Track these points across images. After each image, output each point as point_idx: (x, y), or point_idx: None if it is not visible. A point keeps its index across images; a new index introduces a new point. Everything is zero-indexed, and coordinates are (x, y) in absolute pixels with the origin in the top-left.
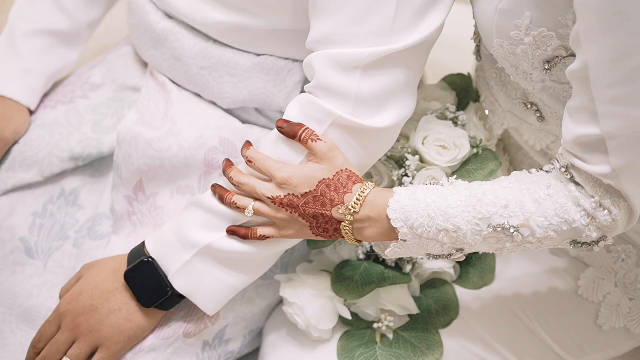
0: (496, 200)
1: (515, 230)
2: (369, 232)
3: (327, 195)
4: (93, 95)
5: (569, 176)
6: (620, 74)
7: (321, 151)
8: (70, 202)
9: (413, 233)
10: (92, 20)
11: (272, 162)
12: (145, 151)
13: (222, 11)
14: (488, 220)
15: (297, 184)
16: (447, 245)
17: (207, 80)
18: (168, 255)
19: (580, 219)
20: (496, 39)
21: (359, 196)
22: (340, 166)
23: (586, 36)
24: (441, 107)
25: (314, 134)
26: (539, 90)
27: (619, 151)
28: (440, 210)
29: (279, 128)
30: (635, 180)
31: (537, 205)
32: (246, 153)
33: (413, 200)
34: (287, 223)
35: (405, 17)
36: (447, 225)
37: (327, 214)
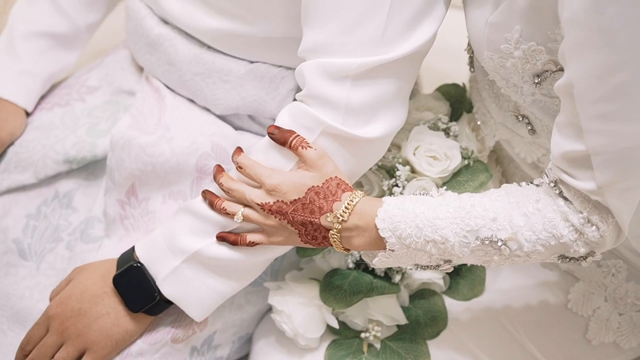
0: (485, 213)
1: (502, 243)
2: (357, 241)
3: (315, 203)
4: (89, 98)
5: (557, 191)
6: (605, 90)
7: (311, 158)
8: (64, 204)
9: (401, 243)
10: (91, 23)
11: (262, 169)
12: (138, 156)
13: (215, 18)
14: (476, 232)
15: (286, 190)
16: (434, 256)
17: (200, 86)
18: (157, 261)
19: (568, 234)
20: (486, 52)
21: (348, 205)
22: (330, 174)
23: (572, 52)
24: (433, 117)
25: (304, 141)
26: (530, 104)
27: (604, 168)
28: (429, 221)
29: (270, 134)
30: (621, 197)
31: (525, 219)
32: (237, 159)
33: (402, 211)
34: (276, 230)
35: (396, 28)
36: (435, 236)
37: (316, 221)
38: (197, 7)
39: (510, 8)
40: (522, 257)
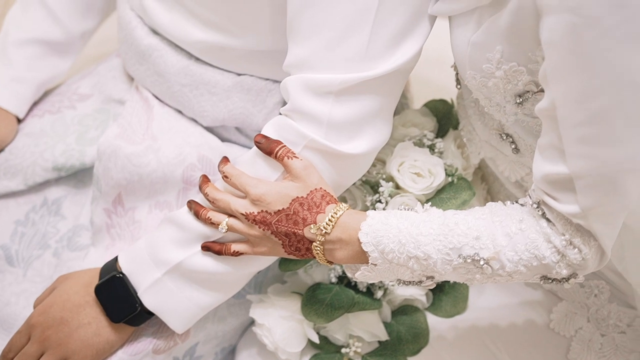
0: (468, 231)
1: (485, 262)
2: (340, 253)
3: (299, 214)
4: (80, 106)
5: (540, 212)
6: (586, 114)
7: (296, 169)
8: (53, 211)
9: (384, 258)
10: (85, 30)
11: (247, 179)
12: (125, 166)
13: (203, 30)
14: (459, 250)
15: (270, 201)
16: (417, 272)
17: (187, 97)
18: (139, 272)
19: (551, 256)
20: (469, 71)
21: (332, 217)
22: (315, 185)
23: (552, 75)
24: (419, 133)
25: (290, 152)
26: (512, 123)
27: (587, 191)
28: (412, 237)
29: (257, 143)
30: (604, 220)
31: (508, 239)
32: (223, 168)
33: (385, 225)
34: (260, 240)
35: (379, 45)
36: (418, 252)
37: (299, 232)
38: (186, 19)
39: (492, 28)
40: (504, 276)
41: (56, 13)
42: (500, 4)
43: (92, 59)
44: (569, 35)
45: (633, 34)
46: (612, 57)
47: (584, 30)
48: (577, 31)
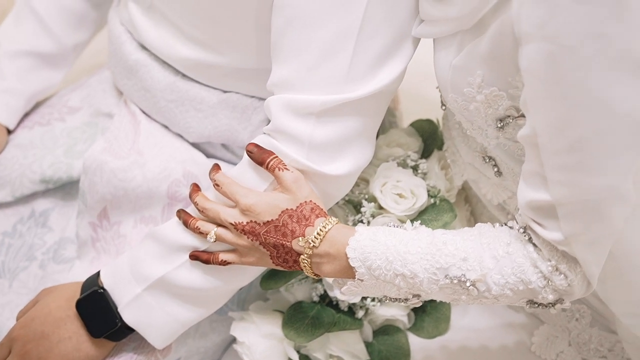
0: (456, 252)
1: (471, 284)
2: (327, 267)
3: (288, 226)
4: (69, 119)
5: (527, 237)
6: (565, 142)
7: (287, 181)
8: (40, 223)
9: (370, 274)
10: (78, 43)
11: (237, 188)
12: (110, 180)
13: (190, 47)
14: (445, 270)
15: (259, 211)
16: (403, 290)
17: (174, 113)
18: (120, 287)
19: (537, 281)
20: (451, 94)
21: (320, 231)
22: (305, 198)
23: (532, 103)
24: (403, 154)
25: (282, 163)
26: (494, 146)
27: (568, 219)
28: (399, 255)
29: (249, 152)
30: (589, 248)
31: (495, 262)
32: (214, 176)
33: (373, 242)
34: (248, 250)
35: (361, 67)
36: (404, 270)
37: (287, 245)
38: (173, 35)
39: (473, 53)
40: (490, 299)
41: (49, 25)
42: (480, 29)
43: (85, 70)
44: (547, 64)
45: (610, 64)
46: (590, 86)
47: (561, 59)
48: (555, 60)
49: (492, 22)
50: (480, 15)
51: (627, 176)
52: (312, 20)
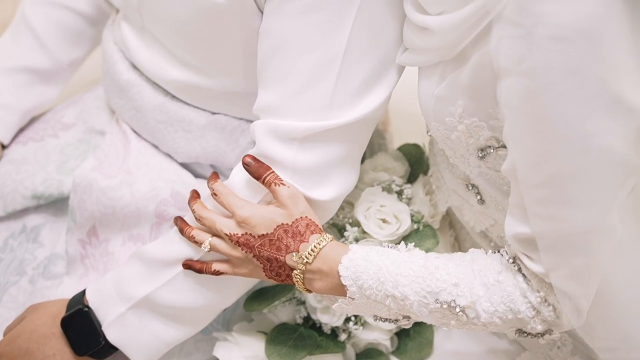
0: (447, 277)
1: (461, 310)
2: (319, 284)
3: (283, 241)
4: (63, 135)
5: (516, 267)
6: (542, 176)
7: (283, 196)
8: (31, 238)
9: (362, 293)
10: (74, 59)
11: (235, 199)
12: (99, 198)
13: (179, 69)
14: (436, 295)
15: (255, 224)
16: (393, 310)
17: (163, 133)
18: (104, 306)
19: (526, 311)
20: (433, 122)
21: (314, 247)
22: (301, 214)
23: (511, 136)
24: (388, 178)
25: (278, 178)
26: (476, 175)
27: (547, 252)
28: (391, 276)
29: (245, 165)
30: (576, 281)
31: (485, 290)
32: (212, 185)
33: (366, 262)
34: (241, 262)
35: (344, 95)
36: (395, 292)
37: (281, 259)
38: (163, 57)
39: (454, 83)
40: (479, 325)
41: (45, 42)
42: (462, 61)
43: (84, 84)
44: (525, 98)
45: (586, 100)
46: (566, 121)
47: (538, 95)
48: (532, 95)
49: (472, 54)
50: (461, 47)
51: (609, 211)
52: (296, 48)
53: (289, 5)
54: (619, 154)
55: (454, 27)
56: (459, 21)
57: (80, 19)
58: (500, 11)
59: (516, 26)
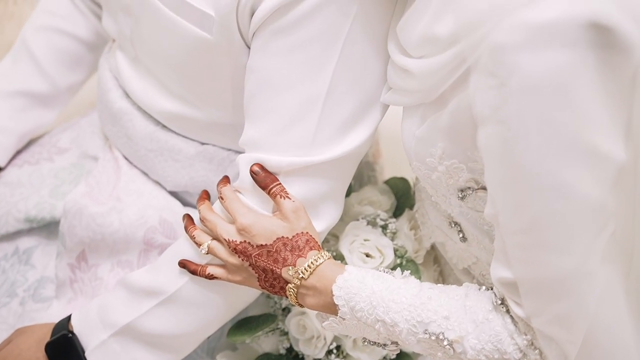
0: (439, 309)
1: (448, 343)
2: (311, 300)
3: (281, 253)
4: (58, 159)
5: (504, 309)
6: (521, 222)
7: (287, 210)
8: (23, 260)
9: (352, 315)
10: (72, 84)
11: (239, 205)
12: (89, 224)
13: (170, 100)
14: (426, 325)
15: (255, 233)
16: (382, 335)
17: (153, 162)
18: (87, 332)
19: (513, 352)
20: (415, 162)
21: (311, 264)
22: (302, 229)
23: (491, 181)
24: (373, 212)
25: (284, 191)
26: (458, 214)
27: (529, 296)
28: (384, 302)
29: (253, 173)
30: (562, 326)
31: (474, 326)
32: (221, 188)
33: (360, 284)
34: (236, 269)
35: (327, 133)
36: (386, 317)
37: (277, 271)
38: (155, 88)
39: (434, 126)
40: None
41: (44, 67)
42: (441, 104)
43: (85, 105)
44: (502, 146)
45: (561, 150)
46: (542, 170)
47: (514, 144)
48: (508, 144)
49: (451, 98)
50: (440, 91)
51: (589, 257)
52: (281, 86)
53: (274, 43)
54: (596, 202)
55: (433, 71)
56: (437, 66)
57: (80, 45)
58: (476, 60)
59: (491, 76)
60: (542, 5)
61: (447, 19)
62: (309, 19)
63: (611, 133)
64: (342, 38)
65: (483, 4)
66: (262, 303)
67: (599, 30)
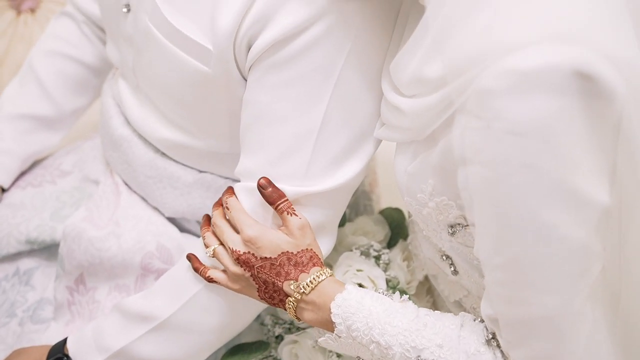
0: (433, 337)
1: None
2: (310, 315)
3: (284, 267)
4: (60, 182)
5: (495, 343)
6: (502, 260)
7: (293, 226)
8: (24, 281)
9: (348, 333)
10: (77, 108)
11: (245, 217)
12: (87, 249)
13: (169, 129)
14: (419, 351)
15: (260, 245)
16: (376, 356)
17: (152, 188)
18: (83, 355)
19: None
20: (406, 197)
21: (313, 279)
22: (307, 245)
23: (475, 219)
24: (366, 243)
25: (291, 207)
26: (448, 249)
27: (508, 333)
28: (380, 324)
29: (260, 187)
30: None
31: (465, 357)
32: (226, 199)
33: (359, 304)
34: (237, 278)
35: (320, 165)
36: (381, 340)
37: (279, 284)
38: (155, 116)
39: (425, 163)
40: None
41: (49, 91)
42: (432, 142)
43: (90, 126)
44: (484, 187)
45: (543, 193)
46: (523, 211)
47: (497, 184)
48: (491, 184)
49: (442, 137)
50: (431, 129)
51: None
52: (275, 119)
53: (270, 77)
54: (578, 243)
55: (423, 111)
56: (427, 107)
57: (85, 70)
58: (464, 103)
59: (476, 118)
60: (529, 53)
61: (437, 61)
62: (304, 55)
63: (595, 177)
64: (335, 74)
65: (471, 50)
66: (255, 330)
67: (584, 78)
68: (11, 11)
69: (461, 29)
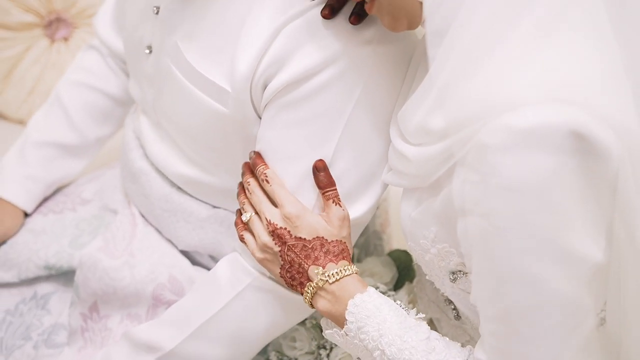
0: None
1: None
2: (325, 305)
3: (315, 252)
4: (80, 210)
5: None
6: (496, 311)
7: (334, 215)
8: (40, 305)
9: (357, 334)
10: (101, 137)
11: (287, 193)
12: (102, 278)
13: (186, 165)
14: None
15: (298, 225)
16: None
17: (167, 221)
18: None
19: None
20: (410, 242)
21: (340, 271)
22: (342, 237)
23: (471, 269)
24: (372, 284)
25: (337, 197)
26: (450, 294)
27: None
28: (391, 334)
29: (315, 169)
30: None
31: None
32: (265, 171)
33: (376, 309)
34: (265, 249)
35: None
36: (387, 350)
37: (305, 266)
38: (173, 152)
39: (428, 210)
40: None
41: (73, 119)
42: (436, 189)
43: (114, 155)
44: (480, 237)
45: (536, 247)
46: (517, 265)
47: (492, 237)
48: (487, 236)
49: (445, 185)
50: (435, 177)
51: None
52: (285, 156)
53: (282, 116)
54: (571, 298)
55: (427, 160)
56: (430, 156)
57: (110, 101)
58: (464, 156)
59: (475, 172)
60: (527, 112)
61: (441, 114)
62: (316, 96)
63: (589, 234)
64: (345, 117)
65: (472, 106)
66: None
67: (579, 138)
68: (45, 39)
69: (464, 85)
